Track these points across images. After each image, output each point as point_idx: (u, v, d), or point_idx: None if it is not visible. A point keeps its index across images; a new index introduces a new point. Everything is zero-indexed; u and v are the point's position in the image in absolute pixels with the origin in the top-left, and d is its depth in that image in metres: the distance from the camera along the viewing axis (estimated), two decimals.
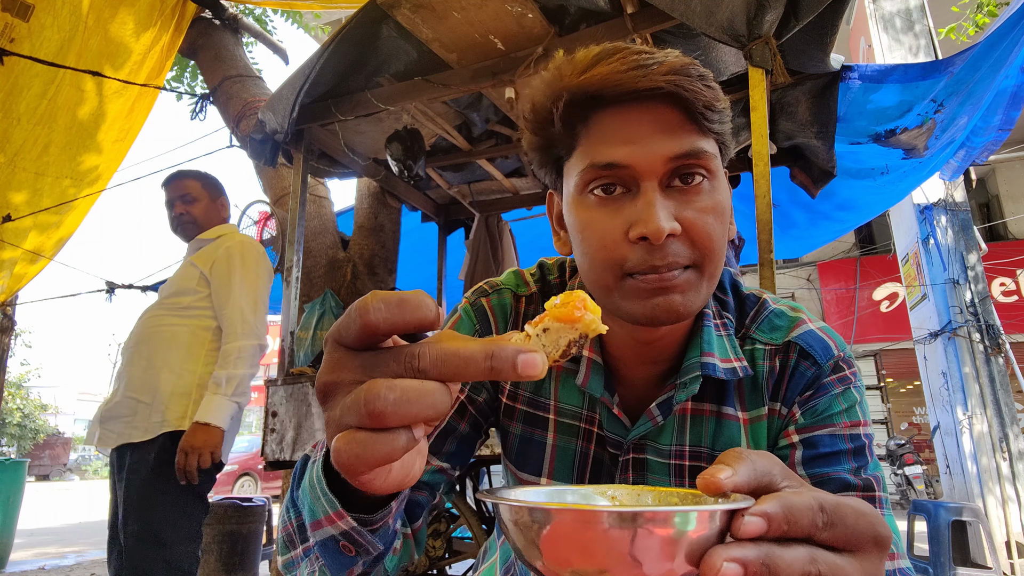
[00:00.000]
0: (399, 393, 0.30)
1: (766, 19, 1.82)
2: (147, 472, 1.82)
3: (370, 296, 0.32)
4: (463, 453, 0.74)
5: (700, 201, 0.60)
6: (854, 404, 0.66)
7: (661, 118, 0.59)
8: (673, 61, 0.58)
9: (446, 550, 2.57)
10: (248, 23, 4.11)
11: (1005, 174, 9.92)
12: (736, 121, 2.77)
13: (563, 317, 0.35)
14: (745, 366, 0.68)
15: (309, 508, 0.51)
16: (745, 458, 0.37)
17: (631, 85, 0.57)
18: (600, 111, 0.60)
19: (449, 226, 3.94)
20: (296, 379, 2.53)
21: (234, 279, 2.01)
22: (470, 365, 0.31)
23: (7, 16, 2.69)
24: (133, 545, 1.76)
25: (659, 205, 0.57)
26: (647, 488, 0.43)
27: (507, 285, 0.78)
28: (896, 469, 8.46)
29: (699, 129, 0.59)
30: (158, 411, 1.88)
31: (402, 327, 0.32)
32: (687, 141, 0.59)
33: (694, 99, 0.58)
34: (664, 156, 0.58)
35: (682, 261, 0.59)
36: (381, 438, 0.31)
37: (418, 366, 0.32)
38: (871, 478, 0.63)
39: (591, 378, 0.70)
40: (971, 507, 4.63)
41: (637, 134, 0.59)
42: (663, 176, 0.59)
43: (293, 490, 0.57)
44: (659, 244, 0.58)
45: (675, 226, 0.58)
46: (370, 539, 0.51)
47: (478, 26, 2.24)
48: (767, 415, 0.68)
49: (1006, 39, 2.29)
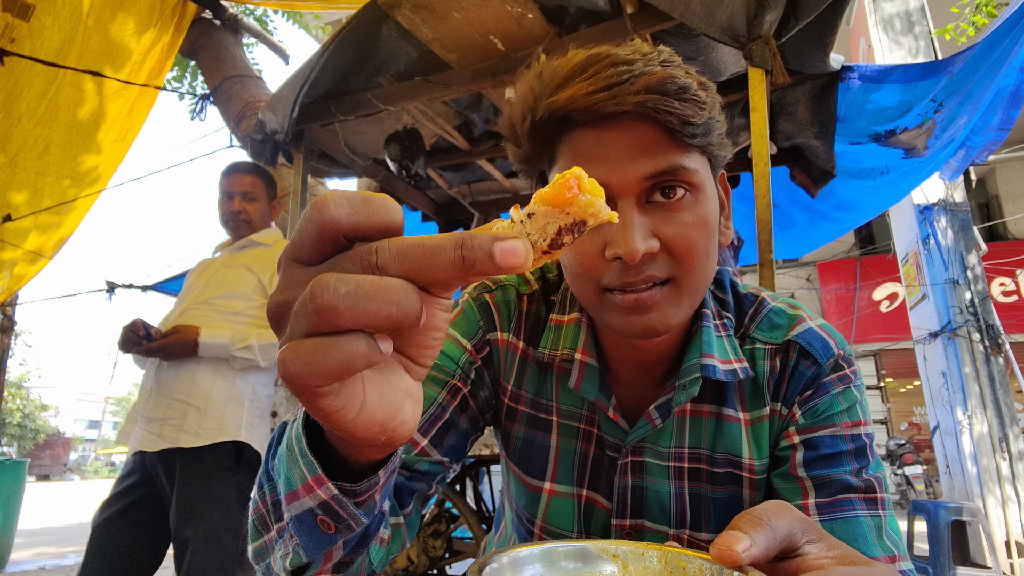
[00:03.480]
0: (352, 285, 0.25)
1: (766, 19, 1.82)
2: (204, 478, 1.78)
3: (329, 192, 0.28)
4: (461, 448, 0.74)
5: (682, 216, 0.59)
6: (854, 403, 0.66)
7: (636, 137, 0.57)
8: (649, 77, 0.55)
9: (446, 550, 2.57)
10: (248, 23, 4.11)
11: (1005, 174, 9.92)
12: (736, 121, 2.77)
13: (552, 198, 0.29)
14: (745, 367, 0.67)
15: (285, 477, 0.44)
16: (763, 524, 0.35)
17: (599, 109, 0.55)
18: (575, 129, 0.59)
19: (449, 226, 3.94)
20: None
21: None
22: (438, 256, 0.27)
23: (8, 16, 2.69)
24: (194, 549, 1.72)
25: (635, 225, 0.56)
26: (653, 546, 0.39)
27: (510, 282, 0.78)
28: (896, 469, 8.47)
29: (679, 145, 0.58)
30: (212, 418, 1.81)
31: (367, 227, 0.28)
32: (664, 159, 0.57)
33: (667, 120, 0.56)
34: (639, 176, 0.57)
35: (660, 276, 0.58)
36: (334, 341, 0.26)
37: (376, 262, 0.27)
38: (872, 479, 0.63)
39: (584, 381, 0.69)
40: (971, 507, 4.63)
41: (612, 153, 0.57)
42: (640, 194, 0.58)
43: (267, 461, 0.50)
44: (634, 264, 0.57)
45: (652, 244, 0.57)
46: (353, 511, 0.43)
47: (478, 26, 2.24)
48: (768, 416, 0.68)
49: (1006, 39, 2.29)
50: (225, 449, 1.83)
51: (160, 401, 1.85)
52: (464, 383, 0.73)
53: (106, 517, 1.81)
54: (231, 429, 1.84)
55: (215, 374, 1.87)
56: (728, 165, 0.69)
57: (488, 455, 2.25)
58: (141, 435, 1.84)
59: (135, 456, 1.90)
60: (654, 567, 0.38)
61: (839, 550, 0.38)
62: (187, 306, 1.98)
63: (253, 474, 1.91)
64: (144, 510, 1.83)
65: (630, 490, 0.70)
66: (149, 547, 1.82)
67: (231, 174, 2.14)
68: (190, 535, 1.73)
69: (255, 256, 2.05)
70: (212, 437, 1.80)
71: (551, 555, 0.38)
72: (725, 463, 0.68)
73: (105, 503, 1.85)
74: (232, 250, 2.12)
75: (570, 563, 0.38)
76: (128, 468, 1.91)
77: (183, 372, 1.86)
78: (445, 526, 2.57)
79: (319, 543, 0.46)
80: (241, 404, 1.88)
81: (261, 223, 2.16)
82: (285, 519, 0.46)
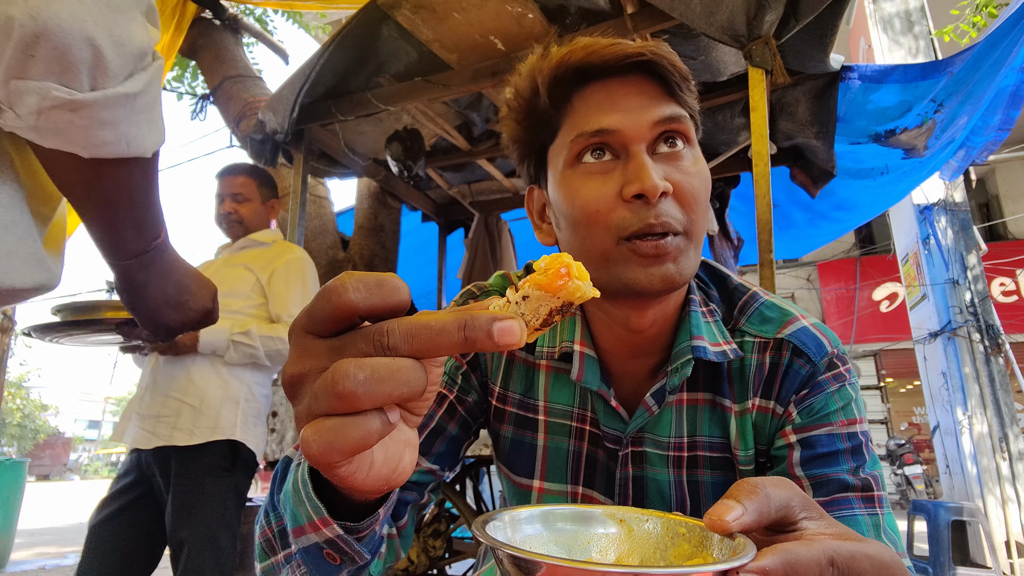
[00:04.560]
0: (369, 371, 0.28)
1: (766, 19, 1.82)
2: (200, 477, 1.77)
3: (345, 276, 0.31)
4: (452, 454, 0.74)
5: (685, 165, 0.63)
6: (850, 402, 0.66)
7: (643, 88, 0.63)
8: (646, 42, 0.64)
9: (446, 550, 2.57)
10: (248, 23, 4.11)
11: (1005, 174, 9.92)
12: (736, 121, 2.77)
13: (545, 285, 0.33)
14: (735, 348, 0.68)
15: (292, 513, 0.47)
16: (758, 492, 0.35)
17: (613, 53, 0.62)
18: (583, 88, 0.65)
19: (449, 226, 3.94)
20: None
21: (292, 296, 1.97)
22: (443, 337, 0.30)
23: None
24: (191, 550, 1.71)
25: (651, 165, 0.61)
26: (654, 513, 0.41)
27: (495, 288, 0.79)
28: (896, 469, 8.47)
29: (676, 100, 0.64)
30: (207, 416, 1.81)
31: (380, 309, 0.31)
32: (668, 108, 0.63)
33: (672, 69, 0.63)
34: (651, 120, 0.62)
35: (674, 224, 0.61)
36: (352, 422, 0.29)
37: (388, 343, 0.30)
38: (869, 477, 0.63)
39: (586, 372, 0.70)
40: (971, 507, 4.63)
41: (623, 103, 0.63)
42: (651, 141, 0.63)
43: (274, 493, 0.54)
44: (654, 203, 0.60)
45: (667, 185, 0.60)
46: (356, 548, 0.47)
47: (478, 26, 2.25)
48: (752, 409, 0.68)
49: (1005, 39, 2.29)
50: (220, 448, 1.82)
51: (155, 399, 1.84)
52: (450, 389, 0.74)
53: (103, 517, 1.80)
54: (226, 428, 1.82)
55: (211, 373, 1.86)
56: (728, 165, 0.71)
57: (488, 455, 2.25)
58: (136, 432, 1.83)
59: (131, 455, 1.89)
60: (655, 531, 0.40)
61: (838, 528, 0.38)
62: None
63: (248, 474, 1.90)
64: (141, 509, 1.82)
65: (631, 480, 0.71)
66: (146, 546, 1.80)
67: (222, 177, 2.15)
68: (186, 536, 1.73)
69: (254, 256, 2.05)
70: (206, 436, 1.79)
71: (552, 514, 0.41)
72: (721, 447, 0.69)
73: (102, 503, 1.84)
74: (232, 250, 2.12)
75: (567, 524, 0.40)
76: (124, 467, 1.90)
77: (178, 370, 1.85)
78: (445, 526, 2.57)
79: (325, 572, 0.49)
80: (236, 403, 1.87)
81: (256, 222, 2.15)
82: (292, 548, 0.49)
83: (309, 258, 2.13)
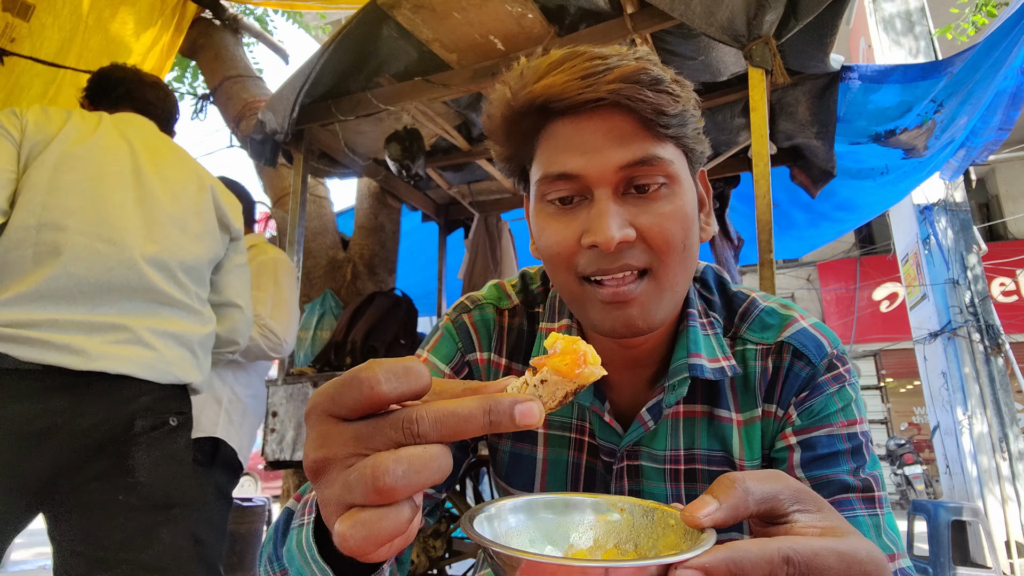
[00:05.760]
0: (406, 465, 0.30)
1: (766, 19, 1.82)
2: None
3: (374, 365, 0.32)
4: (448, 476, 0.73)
5: (658, 207, 0.59)
6: (850, 402, 0.66)
7: (613, 126, 0.58)
8: (624, 68, 0.57)
9: (446, 550, 2.57)
10: (248, 23, 4.10)
11: (1005, 174, 9.92)
12: (736, 121, 2.77)
13: (563, 371, 0.36)
14: (733, 364, 0.67)
15: (297, 571, 0.48)
16: (735, 487, 0.35)
17: (574, 98, 0.57)
18: (554, 121, 0.60)
19: (449, 226, 3.94)
20: (296, 379, 2.53)
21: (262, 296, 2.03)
22: (470, 423, 0.31)
23: (8, 16, 2.69)
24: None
25: (611, 213, 0.57)
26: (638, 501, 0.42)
27: (489, 300, 0.78)
28: (896, 469, 8.46)
29: (654, 135, 0.58)
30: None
31: (409, 396, 0.32)
32: (639, 148, 0.58)
33: (640, 108, 0.57)
34: (615, 165, 0.58)
35: (636, 265, 0.59)
36: (388, 513, 0.30)
37: (418, 431, 0.31)
38: (870, 477, 0.63)
39: None
40: (971, 507, 4.64)
41: (589, 143, 0.58)
42: (617, 184, 0.59)
43: (277, 545, 0.54)
44: (611, 252, 0.58)
45: (628, 233, 0.58)
46: None
47: (478, 26, 2.24)
48: (760, 417, 0.68)
49: (1005, 40, 2.29)
50: (200, 445, 1.89)
51: None
52: None
53: None
54: (207, 426, 1.91)
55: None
56: (728, 165, 0.69)
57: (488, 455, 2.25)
58: None
59: None
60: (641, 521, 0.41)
61: (831, 522, 0.37)
62: None
63: (228, 471, 1.98)
64: None
65: (627, 494, 0.70)
66: None
67: None
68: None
69: None
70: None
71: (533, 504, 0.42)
72: (720, 461, 0.68)
73: None
74: None
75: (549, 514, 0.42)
76: None
77: None
78: (445, 526, 2.57)
79: None
80: (219, 403, 1.96)
81: None
82: None
83: (285, 258, 2.18)
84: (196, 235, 1.42)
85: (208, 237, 1.45)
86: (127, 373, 1.21)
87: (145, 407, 1.24)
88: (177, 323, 1.33)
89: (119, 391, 1.21)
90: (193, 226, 1.42)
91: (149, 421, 1.25)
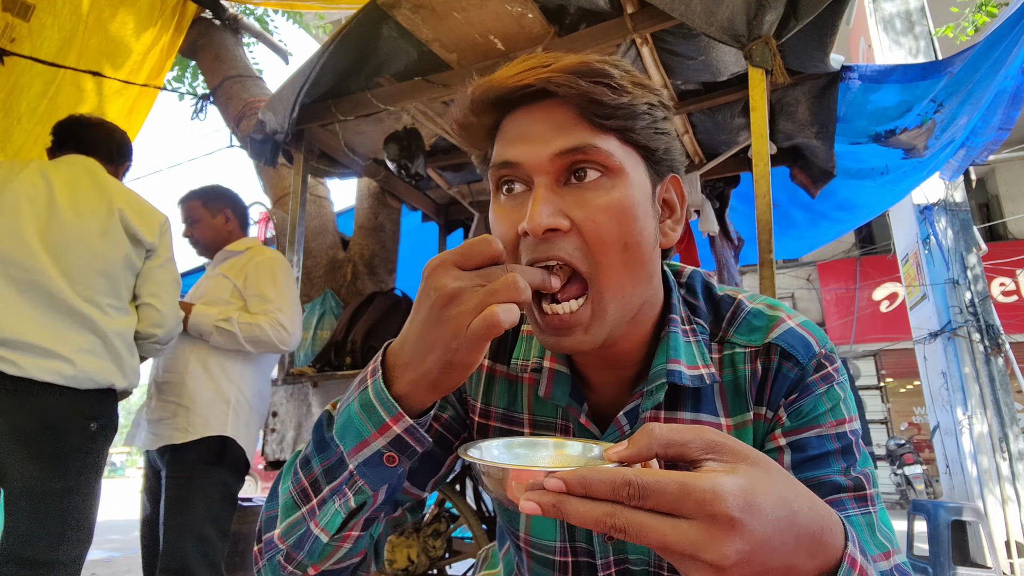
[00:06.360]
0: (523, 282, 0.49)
1: (766, 19, 1.82)
2: (188, 471, 1.92)
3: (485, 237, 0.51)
4: (427, 471, 0.75)
5: (593, 197, 0.59)
6: (838, 402, 0.66)
7: (552, 117, 0.60)
8: (566, 63, 0.58)
9: (446, 550, 2.57)
10: (249, 23, 4.10)
11: (1005, 174, 9.92)
12: (736, 121, 2.77)
13: None
14: (713, 373, 0.67)
15: (356, 432, 0.55)
16: (645, 435, 0.42)
17: (508, 84, 0.60)
18: (506, 116, 0.63)
19: (449, 226, 3.94)
20: (296, 379, 2.53)
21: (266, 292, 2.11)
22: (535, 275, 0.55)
23: (8, 16, 2.69)
24: (175, 539, 1.84)
25: (543, 200, 0.58)
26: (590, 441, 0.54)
27: None
28: (896, 469, 8.47)
29: (593, 126, 0.59)
30: (199, 415, 1.96)
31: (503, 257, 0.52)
32: (575, 137, 0.59)
33: (573, 96, 0.58)
34: (550, 153, 0.59)
35: (566, 258, 0.59)
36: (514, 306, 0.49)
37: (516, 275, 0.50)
38: (861, 475, 0.63)
39: (555, 388, 0.70)
40: (971, 507, 4.64)
41: (529, 133, 0.60)
42: (557, 173, 0.60)
43: (320, 438, 0.60)
44: (540, 239, 0.58)
45: (559, 221, 0.58)
46: (421, 434, 0.55)
47: (478, 26, 2.24)
48: (752, 420, 0.67)
49: (1005, 39, 2.29)
50: (209, 444, 1.95)
51: (159, 404, 2.01)
52: None
53: (142, 519, 2.06)
54: (216, 425, 1.97)
55: (204, 377, 2.02)
56: (728, 165, 0.69)
57: None
58: (145, 436, 2.02)
59: (145, 457, 2.09)
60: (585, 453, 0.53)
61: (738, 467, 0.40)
62: None
63: (235, 470, 2.03)
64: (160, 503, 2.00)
65: None
66: None
67: (178, 207, 2.33)
68: (173, 525, 1.86)
69: (230, 265, 2.21)
70: (200, 432, 1.94)
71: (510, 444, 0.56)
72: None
73: (141, 504, 2.10)
74: (213, 264, 2.30)
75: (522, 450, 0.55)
76: (144, 471, 2.11)
77: (175, 377, 2.03)
78: (445, 526, 2.57)
79: (382, 477, 0.57)
80: (227, 403, 2.02)
81: (213, 236, 2.29)
82: (348, 468, 0.56)
83: (281, 257, 2.27)
84: (102, 252, 1.66)
85: (114, 252, 1.69)
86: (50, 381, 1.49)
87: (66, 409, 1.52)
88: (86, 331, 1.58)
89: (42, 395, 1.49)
90: (99, 244, 1.66)
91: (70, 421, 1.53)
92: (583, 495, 0.39)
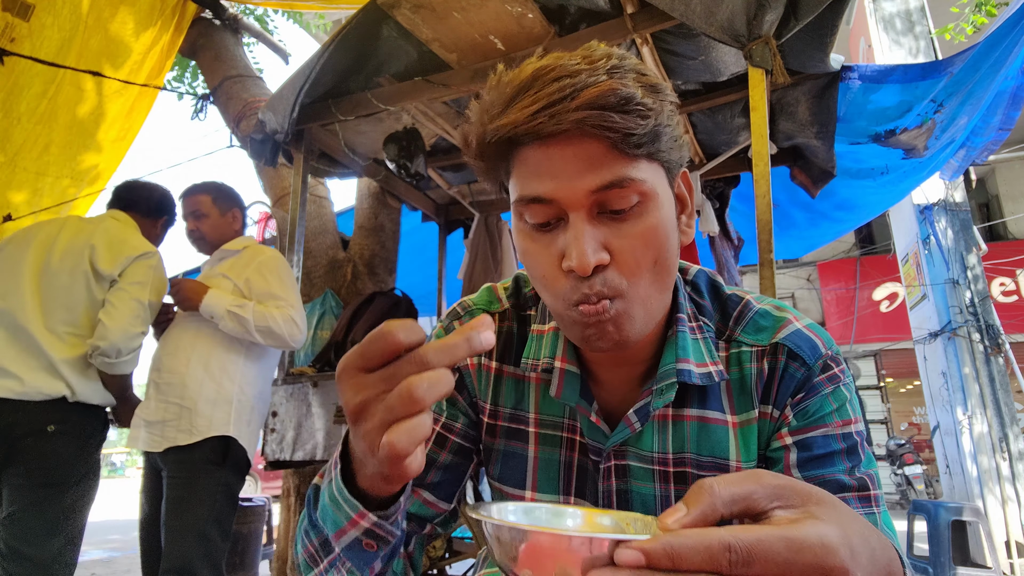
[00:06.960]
0: (427, 381, 0.42)
1: (766, 19, 1.82)
2: (191, 472, 1.92)
3: (394, 324, 0.43)
4: (450, 482, 0.76)
5: (632, 227, 0.59)
6: (844, 402, 0.66)
7: (581, 151, 0.57)
8: (590, 91, 0.55)
9: (446, 550, 2.57)
10: (249, 23, 4.10)
11: (1005, 174, 9.92)
12: (736, 121, 2.77)
13: None
14: (721, 370, 0.68)
15: (332, 521, 0.56)
16: (703, 493, 0.36)
17: (539, 130, 0.56)
18: (523, 147, 0.60)
19: (449, 226, 3.94)
20: (296, 379, 2.53)
21: (273, 289, 2.11)
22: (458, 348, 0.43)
23: (7, 16, 2.69)
24: (178, 539, 1.85)
25: (586, 237, 0.57)
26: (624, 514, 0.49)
27: (479, 304, 0.80)
28: (896, 469, 8.46)
29: (625, 156, 0.57)
30: (202, 416, 1.96)
31: (416, 345, 0.43)
32: (609, 172, 0.57)
33: (608, 135, 0.55)
34: (586, 190, 0.57)
35: (609, 293, 0.59)
36: (420, 420, 0.42)
37: (427, 361, 0.42)
38: (865, 476, 0.64)
39: (565, 387, 0.70)
40: (971, 507, 4.63)
41: (559, 169, 0.57)
42: (590, 207, 0.58)
43: (311, 515, 0.61)
44: (588, 277, 0.58)
45: (603, 257, 0.58)
46: (389, 528, 0.56)
47: (478, 26, 2.24)
48: (757, 418, 0.68)
49: (1006, 40, 2.29)
50: (212, 444, 1.95)
51: (159, 406, 2.00)
52: (436, 419, 0.75)
53: (141, 520, 2.05)
54: (219, 426, 1.96)
55: (204, 377, 2.02)
56: (728, 165, 0.69)
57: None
58: (146, 437, 2.00)
59: (145, 457, 2.08)
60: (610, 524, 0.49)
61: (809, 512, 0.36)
62: (176, 319, 2.17)
63: (239, 471, 2.03)
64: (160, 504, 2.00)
65: (615, 493, 0.71)
66: None
67: (183, 199, 2.30)
68: (175, 526, 1.86)
69: (230, 265, 2.19)
70: (203, 433, 1.94)
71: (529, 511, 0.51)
72: (711, 466, 0.68)
73: (140, 505, 2.09)
74: (211, 263, 2.28)
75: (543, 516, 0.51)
76: (144, 472, 2.10)
77: (175, 378, 2.02)
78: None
79: (365, 561, 0.59)
80: (229, 403, 2.01)
81: (218, 234, 2.28)
82: (335, 551, 0.59)
83: (281, 256, 2.26)
84: (66, 286, 1.94)
85: (75, 285, 1.96)
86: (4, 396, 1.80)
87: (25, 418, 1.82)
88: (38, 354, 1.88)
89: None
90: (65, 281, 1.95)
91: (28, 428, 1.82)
92: (669, 568, 0.32)
